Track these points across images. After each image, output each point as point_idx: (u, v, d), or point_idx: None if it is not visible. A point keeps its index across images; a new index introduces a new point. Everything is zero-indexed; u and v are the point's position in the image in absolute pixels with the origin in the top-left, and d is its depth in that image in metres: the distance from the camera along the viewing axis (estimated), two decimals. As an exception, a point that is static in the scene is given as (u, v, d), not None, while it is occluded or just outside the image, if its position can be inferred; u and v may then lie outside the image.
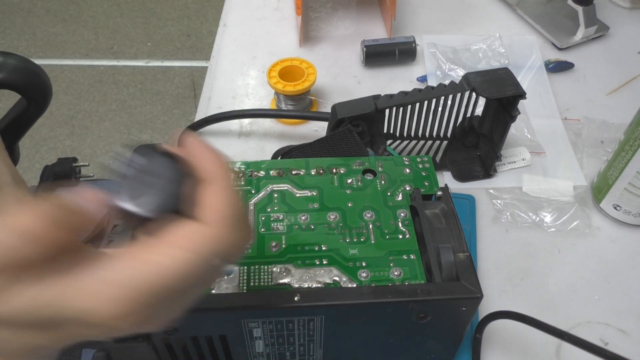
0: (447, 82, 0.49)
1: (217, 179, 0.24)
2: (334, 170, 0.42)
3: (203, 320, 0.33)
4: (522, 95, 0.47)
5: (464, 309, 0.34)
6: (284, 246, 0.37)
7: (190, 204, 0.23)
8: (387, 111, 0.49)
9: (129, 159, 0.23)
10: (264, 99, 0.64)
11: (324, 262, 0.36)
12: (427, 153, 0.55)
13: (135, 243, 0.21)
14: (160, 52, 1.88)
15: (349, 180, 0.41)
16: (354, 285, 0.34)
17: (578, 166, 0.56)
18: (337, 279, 0.35)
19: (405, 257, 0.36)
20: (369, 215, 0.39)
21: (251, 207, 0.39)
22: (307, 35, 0.72)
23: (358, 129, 0.46)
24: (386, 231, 0.38)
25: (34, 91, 0.65)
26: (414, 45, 0.66)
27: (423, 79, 0.65)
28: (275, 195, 0.40)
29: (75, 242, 0.21)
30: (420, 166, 0.42)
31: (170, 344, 0.35)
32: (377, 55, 0.66)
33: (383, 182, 0.41)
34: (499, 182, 0.55)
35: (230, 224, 0.23)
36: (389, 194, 0.40)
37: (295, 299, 0.32)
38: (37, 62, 0.66)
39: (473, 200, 0.53)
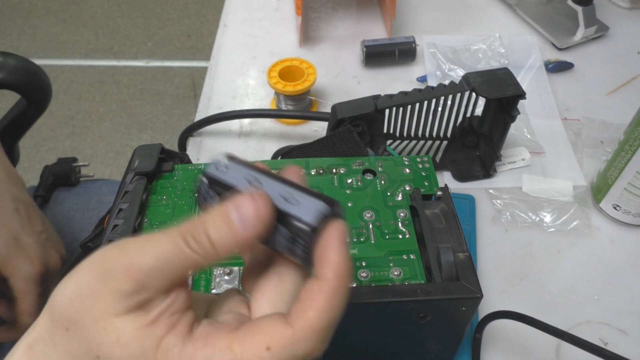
0: (447, 82, 0.49)
1: (330, 286, 0.22)
2: (334, 170, 0.42)
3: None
4: (522, 95, 0.47)
5: (463, 309, 0.34)
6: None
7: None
8: (387, 111, 0.49)
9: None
10: (264, 99, 0.64)
11: (324, 262, 0.35)
12: (427, 153, 0.55)
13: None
14: (161, 52, 1.88)
15: (349, 180, 0.41)
16: (354, 285, 0.34)
17: (578, 166, 0.56)
18: (337, 278, 0.35)
19: (405, 257, 0.36)
20: (368, 215, 0.39)
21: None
22: (307, 35, 0.72)
23: (358, 129, 0.46)
24: (386, 231, 0.38)
25: (34, 91, 0.65)
26: (413, 45, 0.66)
27: (423, 79, 0.65)
28: (275, 195, 0.40)
29: None
30: (420, 166, 0.42)
31: None
32: (377, 55, 0.66)
33: (383, 182, 0.41)
34: (499, 182, 0.55)
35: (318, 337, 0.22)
36: (388, 194, 0.40)
37: (295, 298, 0.32)
38: (37, 62, 0.66)
39: (473, 200, 0.53)
